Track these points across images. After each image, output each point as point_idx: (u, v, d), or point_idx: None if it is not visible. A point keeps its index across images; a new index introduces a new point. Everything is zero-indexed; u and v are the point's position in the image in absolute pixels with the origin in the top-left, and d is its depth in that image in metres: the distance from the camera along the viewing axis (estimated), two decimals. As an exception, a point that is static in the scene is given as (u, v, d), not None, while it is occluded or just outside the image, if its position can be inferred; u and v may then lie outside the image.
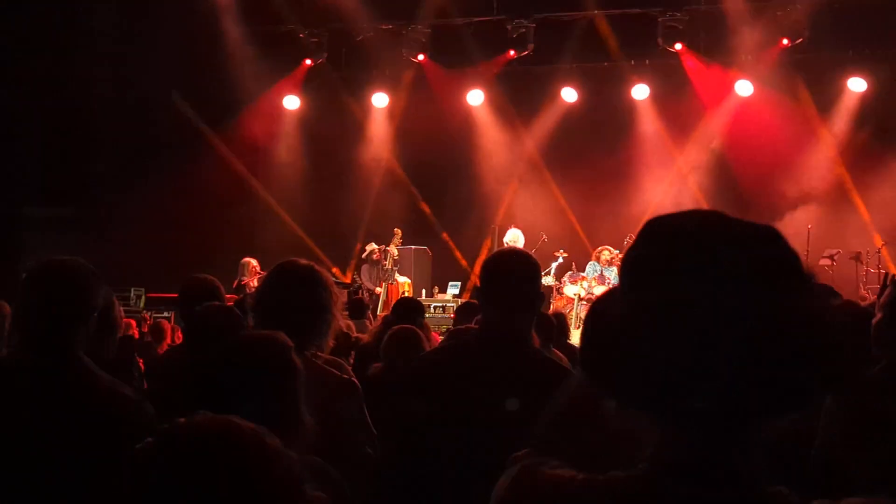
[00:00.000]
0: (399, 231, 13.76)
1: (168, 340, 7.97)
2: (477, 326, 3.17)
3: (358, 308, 8.36)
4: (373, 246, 13.98)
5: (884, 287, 2.92)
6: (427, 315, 12.65)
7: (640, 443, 1.18)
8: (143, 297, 13.65)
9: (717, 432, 1.13)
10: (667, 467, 1.15)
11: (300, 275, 3.13)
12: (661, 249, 1.14)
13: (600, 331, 1.18)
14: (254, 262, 12.33)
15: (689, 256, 1.11)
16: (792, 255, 1.13)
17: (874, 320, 2.78)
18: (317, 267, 3.19)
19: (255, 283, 11.81)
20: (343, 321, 3.35)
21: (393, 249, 13.65)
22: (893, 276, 2.95)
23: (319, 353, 3.23)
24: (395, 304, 5.80)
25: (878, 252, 13.20)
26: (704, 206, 14.60)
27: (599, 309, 1.21)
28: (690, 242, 1.12)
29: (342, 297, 3.25)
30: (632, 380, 1.13)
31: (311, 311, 3.07)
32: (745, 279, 1.09)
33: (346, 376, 3.19)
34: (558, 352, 5.32)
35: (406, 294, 13.11)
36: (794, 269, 1.12)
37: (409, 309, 5.61)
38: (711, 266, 1.09)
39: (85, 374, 2.76)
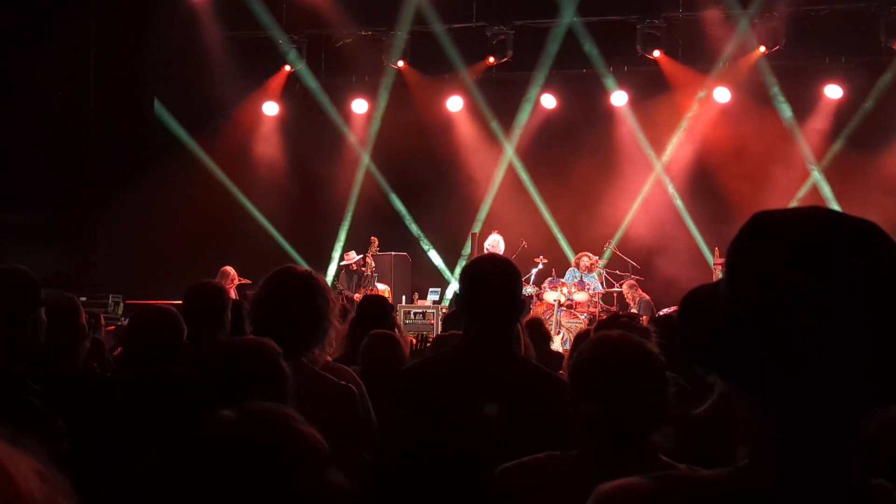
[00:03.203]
0: (376, 239, 13.71)
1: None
2: (460, 334, 3.15)
3: (344, 315, 8.31)
4: (352, 256, 13.95)
5: None
6: (407, 321, 12.73)
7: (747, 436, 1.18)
8: (122, 304, 13.54)
9: (823, 422, 1.11)
10: (772, 460, 1.14)
11: (297, 282, 3.11)
12: (765, 239, 1.16)
13: (703, 314, 1.20)
14: (232, 270, 12.27)
15: (792, 244, 1.13)
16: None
17: None
18: (314, 274, 3.18)
19: (234, 291, 11.75)
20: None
21: (370, 259, 13.60)
22: None
23: (329, 359, 3.22)
24: (359, 305, 5.56)
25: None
26: (681, 211, 14.72)
27: (701, 296, 1.25)
28: (795, 231, 1.15)
29: (339, 303, 3.24)
30: (740, 362, 1.14)
31: (308, 317, 3.06)
32: (849, 268, 1.10)
33: (343, 382, 3.17)
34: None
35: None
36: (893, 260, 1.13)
37: (374, 306, 5.32)
38: (816, 254, 1.12)
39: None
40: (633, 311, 13.17)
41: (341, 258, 14.65)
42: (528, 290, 13.42)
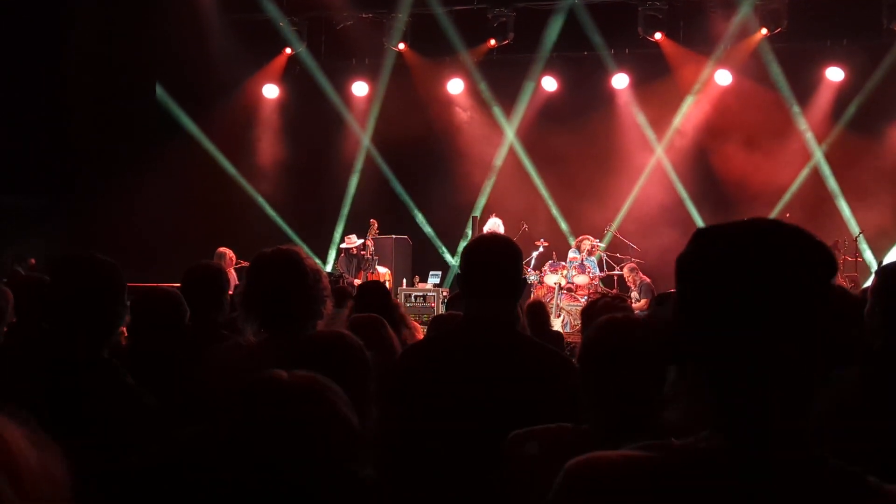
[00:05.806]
0: (375, 222, 13.68)
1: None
2: (461, 314, 3.16)
3: (341, 297, 8.30)
4: (353, 240, 13.93)
5: None
6: (408, 304, 12.76)
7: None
8: (122, 288, 13.52)
9: (776, 396, 1.29)
10: (729, 435, 1.30)
11: (276, 262, 3.13)
12: (709, 250, 1.36)
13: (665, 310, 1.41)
14: (230, 251, 12.25)
15: (731, 253, 1.34)
16: (822, 245, 1.35)
17: (866, 308, 2.79)
18: (291, 249, 3.18)
19: (232, 272, 11.74)
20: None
21: (370, 242, 13.57)
22: (881, 263, 2.98)
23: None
24: (356, 294, 5.57)
25: (856, 240, 13.31)
26: (682, 194, 14.71)
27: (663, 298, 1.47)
28: (733, 242, 1.35)
29: (323, 272, 3.24)
30: (697, 348, 1.34)
31: (295, 293, 3.07)
32: (779, 268, 1.31)
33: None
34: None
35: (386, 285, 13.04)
36: (824, 254, 1.34)
37: (370, 292, 5.34)
38: (752, 259, 1.32)
39: (112, 375, 2.74)
40: (634, 294, 13.20)
41: (341, 241, 14.64)
42: (530, 274, 13.41)
